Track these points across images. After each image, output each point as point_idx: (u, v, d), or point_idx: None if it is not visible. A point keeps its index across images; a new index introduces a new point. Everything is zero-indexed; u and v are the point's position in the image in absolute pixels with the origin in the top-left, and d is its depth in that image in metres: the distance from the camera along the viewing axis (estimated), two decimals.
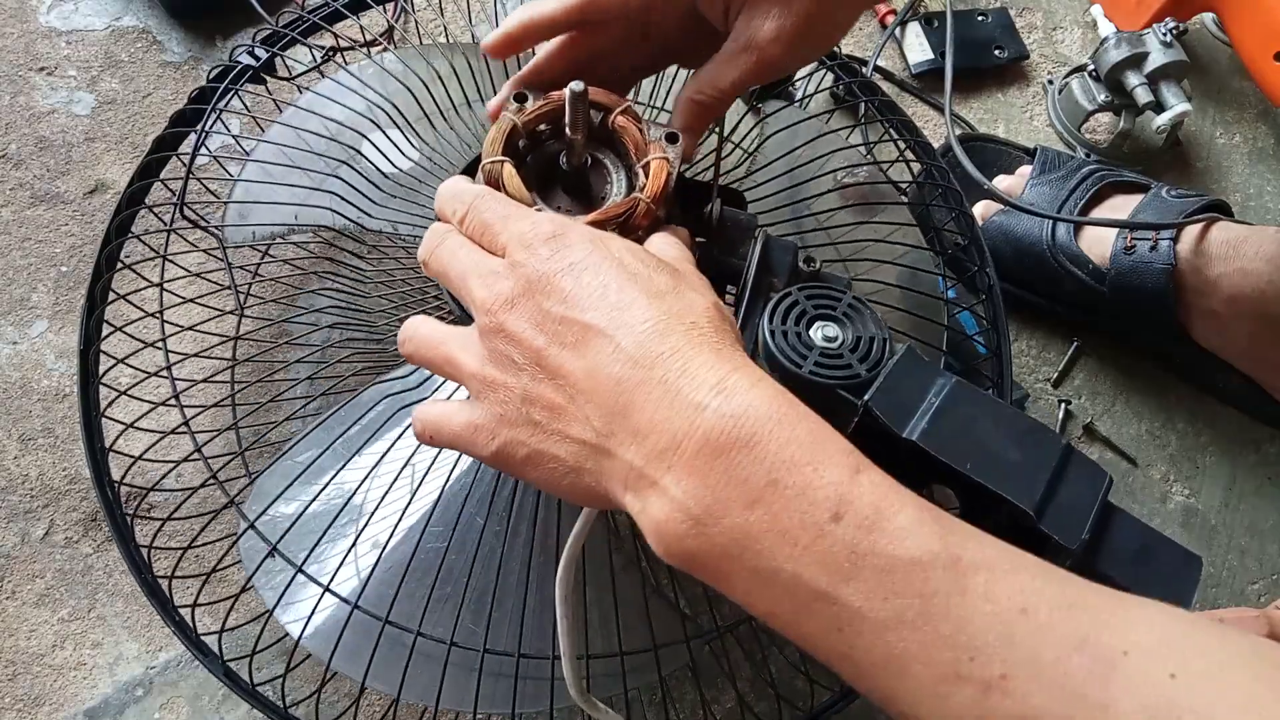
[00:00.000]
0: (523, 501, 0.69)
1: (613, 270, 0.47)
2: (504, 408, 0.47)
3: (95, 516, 0.81)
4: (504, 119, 0.55)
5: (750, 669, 0.80)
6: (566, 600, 0.54)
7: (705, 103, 0.59)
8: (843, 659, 0.41)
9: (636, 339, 0.44)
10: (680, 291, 0.47)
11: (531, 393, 0.46)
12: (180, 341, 0.75)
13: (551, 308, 0.46)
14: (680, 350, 0.44)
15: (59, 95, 0.95)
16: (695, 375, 0.43)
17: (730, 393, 0.43)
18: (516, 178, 0.53)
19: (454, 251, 0.51)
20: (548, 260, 0.47)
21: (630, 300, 0.46)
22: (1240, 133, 1.10)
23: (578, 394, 0.45)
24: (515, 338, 0.47)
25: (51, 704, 0.76)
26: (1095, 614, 0.39)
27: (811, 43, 0.60)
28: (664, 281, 0.47)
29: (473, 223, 0.51)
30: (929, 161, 0.86)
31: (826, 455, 0.42)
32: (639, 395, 0.43)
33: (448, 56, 0.83)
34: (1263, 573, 0.91)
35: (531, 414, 0.46)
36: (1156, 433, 0.96)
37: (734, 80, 0.59)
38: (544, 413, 0.46)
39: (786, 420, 0.42)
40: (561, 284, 0.46)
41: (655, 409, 0.43)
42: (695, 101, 0.59)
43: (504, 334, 0.47)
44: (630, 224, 0.53)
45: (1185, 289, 0.87)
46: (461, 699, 0.65)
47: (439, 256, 0.52)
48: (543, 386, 0.46)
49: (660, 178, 0.54)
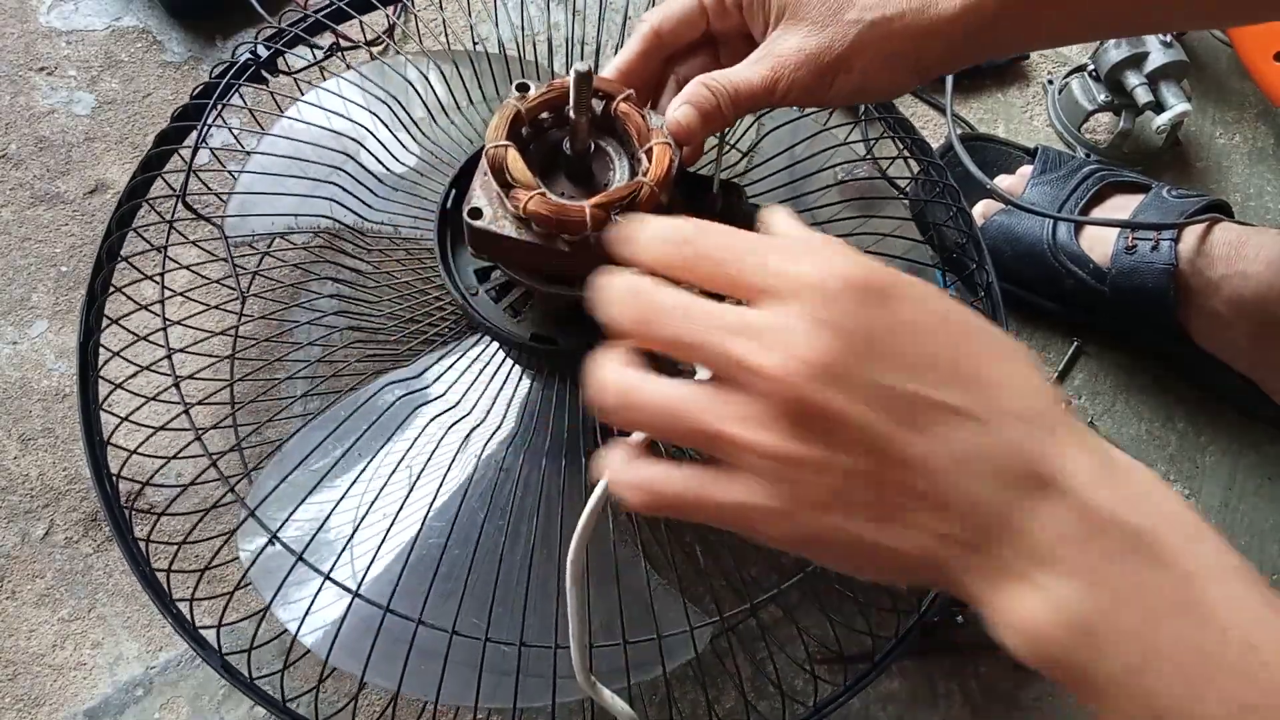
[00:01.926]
0: (524, 497, 0.69)
1: None
2: (815, 491, 0.40)
3: (95, 516, 0.81)
4: (507, 105, 0.55)
5: (751, 667, 0.80)
6: (576, 582, 0.53)
7: (710, 87, 0.59)
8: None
9: (1004, 427, 0.39)
10: (1003, 343, 0.42)
11: (863, 475, 0.39)
12: (181, 336, 0.75)
13: (886, 379, 0.39)
14: (1050, 435, 0.40)
15: (59, 95, 0.95)
16: (1072, 470, 0.39)
17: (1124, 493, 0.39)
18: (520, 161, 0.53)
19: (682, 308, 0.42)
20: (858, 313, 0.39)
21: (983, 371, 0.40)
22: (1240, 133, 1.10)
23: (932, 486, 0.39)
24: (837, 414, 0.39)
25: (51, 704, 0.76)
26: None
27: (826, 69, 0.60)
28: (984, 329, 0.42)
29: (701, 263, 0.42)
30: (926, 159, 0.86)
31: (1237, 581, 0.39)
32: (1010, 495, 0.39)
33: (449, 56, 0.84)
34: (1263, 573, 0.90)
35: (861, 496, 0.40)
36: (1156, 433, 0.96)
37: (745, 79, 0.59)
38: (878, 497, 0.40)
39: (1193, 536, 0.39)
40: (902, 348, 0.39)
41: (1034, 504, 0.39)
42: (701, 82, 0.59)
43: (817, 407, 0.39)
44: (634, 207, 0.53)
45: (1186, 289, 0.87)
46: (462, 694, 0.65)
47: (659, 320, 0.42)
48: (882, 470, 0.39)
49: (664, 163, 0.54)
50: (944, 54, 0.61)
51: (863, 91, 0.63)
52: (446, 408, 0.70)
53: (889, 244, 0.79)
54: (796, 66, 0.59)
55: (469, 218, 0.55)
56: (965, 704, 0.82)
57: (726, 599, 0.78)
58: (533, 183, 0.53)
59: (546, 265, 0.58)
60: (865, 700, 0.81)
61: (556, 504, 0.69)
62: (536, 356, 0.68)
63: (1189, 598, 0.37)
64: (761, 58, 0.60)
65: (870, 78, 0.61)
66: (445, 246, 0.66)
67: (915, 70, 0.62)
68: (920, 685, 0.82)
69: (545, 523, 0.68)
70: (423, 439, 0.69)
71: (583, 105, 0.53)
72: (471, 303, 0.65)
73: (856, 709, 0.81)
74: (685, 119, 0.58)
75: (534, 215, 0.52)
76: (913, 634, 0.72)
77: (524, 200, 0.52)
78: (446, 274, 0.65)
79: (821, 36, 0.59)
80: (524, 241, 0.55)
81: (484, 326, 0.65)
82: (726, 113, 0.59)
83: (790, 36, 0.59)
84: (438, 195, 0.67)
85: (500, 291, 0.67)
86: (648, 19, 0.63)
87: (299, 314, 0.84)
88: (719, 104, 0.59)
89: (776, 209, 0.46)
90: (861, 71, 0.60)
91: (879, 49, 0.59)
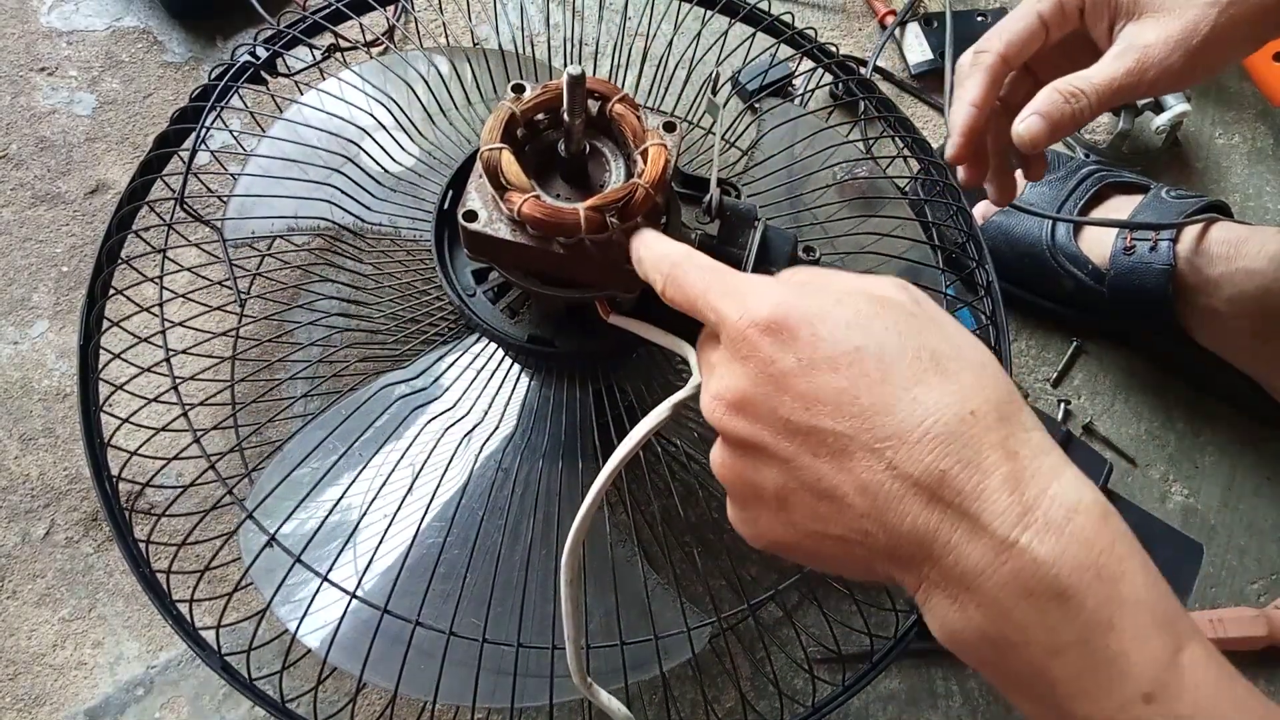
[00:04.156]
0: (523, 497, 0.69)
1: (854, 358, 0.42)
2: (763, 502, 0.46)
3: (96, 516, 0.81)
4: (502, 107, 0.55)
5: (751, 667, 0.80)
6: (571, 584, 0.54)
7: (1065, 92, 0.61)
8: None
9: (911, 454, 0.40)
10: (944, 362, 0.42)
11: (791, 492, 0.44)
12: (181, 337, 0.76)
13: (791, 414, 0.42)
14: (970, 462, 0.40)
15: (60, 95, 0.95)
16: (993, 498, 0.39)
17: (1041, 529, 0.39)
18: (515, 164, 0.53)
19: None
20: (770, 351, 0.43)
21: (887, 399, 0.41)
22: (1240, 133, 1.10)
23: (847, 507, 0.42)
24: (754, 443, 0.44)
25: (52, 704, 0.76)
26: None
27: (1196, 51, 0.62)
28: (921, 350, 0.42)
29: (678, 295, 0.48)
30: (926, 158, 0.86)
31: (1149, 625, 0.39)
32: (929, 520, 0.40)
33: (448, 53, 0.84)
34: (1262, 572, 0.91)
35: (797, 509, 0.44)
36: (1156, 433, 0.96)
37: (1108, 76, 0.62)
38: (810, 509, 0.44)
39: (1107, 575, 0.38)
40: (796, 385, 0.42)
41: (950, 535, 0.40)
42: (1056, 90, 0.62)
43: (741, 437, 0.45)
44: (629, 209, 0.52)
45: (1185, 289, 0.87)
46: (461, 694, 0.65)
47: None
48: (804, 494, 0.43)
49: (659, 164, 0.54)
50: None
51: (1220, 66, 0.65)
52: (446, 407, 0.70)
53: (889, 244, 0.79)
54: (1166, 54, 0.61)
55: (464, 220, 0.55)
56: (965, 704, 0.82)
57: (725, 599, 0.79)
58: (527, 185, 0.53)
59: (543, 267, 0.58)
60: (864, 700, 0.81)
61: (555, 504, 0.69)
62: (535, 357, 0.68)
63: (1090, 638, 0.39)
64: (1123, 52, 0.62)
65: (1232, 51, 0.64)
66: (443, 247, 0.66)
67: (1263, 38, 0.65)
68: (920, 685, 0.82)
69: (544, 522, 0.69)
70: (422, 439, 0.69)
71: (576, 109, 0.53)
72: (469, 304, 0.65)
73: (856, 709, 0.81)
74: (1030, 132, 0.62)
75: (529, 218, 0.52)
76: (912, 634, 0.72)
77: (519, 203, 0.52)
78: (444, 275, 0.65)
79: (1184, 21, 0.61)
80: (519, 244, 0.55)
81: (481, 328, 0.65)
82: (1088, 114, 0.62)
83: (1149, 28, 0.62)
84: (437, 195, 0.67)
85: (498, 292, 0.67)
86: (990, 48, 0.66)
87: (299, 315, 0.84)
88: (1078, 107, 0.61)
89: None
90: (1227, 47, 0.62)
91: (1240, 24, 0.61)
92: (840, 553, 0.44)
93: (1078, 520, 0.39)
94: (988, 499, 0.39)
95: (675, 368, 0.74)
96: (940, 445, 0.40)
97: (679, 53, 0.86)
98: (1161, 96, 1.00)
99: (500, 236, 0.55)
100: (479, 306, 0.66)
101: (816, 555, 0.45)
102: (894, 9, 1.10)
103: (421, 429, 0.69)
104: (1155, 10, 0.62)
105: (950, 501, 0.40)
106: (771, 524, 0.46)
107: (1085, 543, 0.39)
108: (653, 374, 0.73)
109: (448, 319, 0.76)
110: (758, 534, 0.47)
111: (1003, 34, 0.66)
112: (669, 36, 0.88)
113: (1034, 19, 0.66)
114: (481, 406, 0.70)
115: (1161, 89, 0.63)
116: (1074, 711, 0.39)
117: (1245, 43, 0.64)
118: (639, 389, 0.72)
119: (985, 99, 0.66)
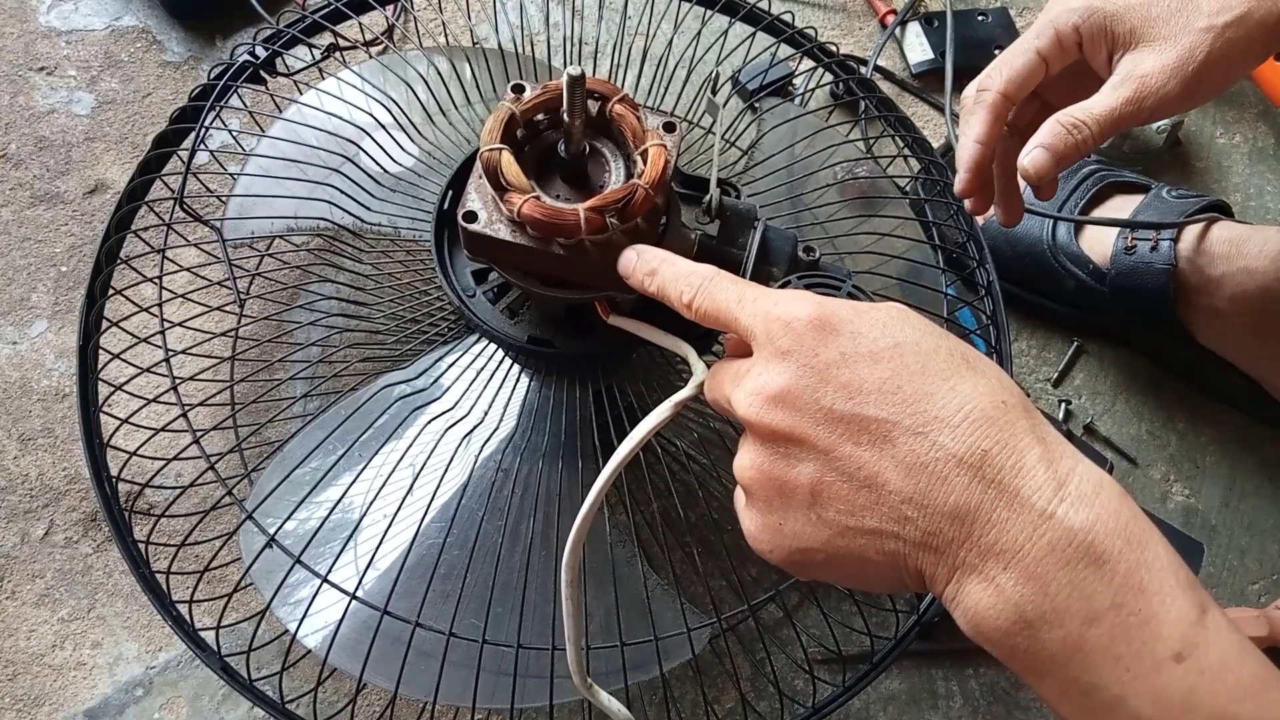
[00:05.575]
0: (523, 497, 0.69)
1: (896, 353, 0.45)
2: (792, 501, 0.46)
3: (95, 516, 0.81)
4: (502, 107, 0.55)
5: (751, 668, 0.80)
6: (571, 584, 0.54)
7: (1067, 124, 0.62)
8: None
9: (955, 435, 0.43)
10: (973, 361, 0.45)
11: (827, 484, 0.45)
12: (181, 338, 0.75)
13: (834, 403, 0.44)
14: (1007, 444, 0.42)
15: (59, 95, 0.95)
16: (1030, 474, 0.42)
17: (1075, 501, 0.41)
18: (515, 164, 0.53)
19: None
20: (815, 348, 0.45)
21: (928, 388, 0.44)
22: (1240, 133, 1.10)
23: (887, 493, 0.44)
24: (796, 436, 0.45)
25: (51, 704, 0.76)
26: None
27: (1193, 78, 0.62)
28: (953, 350, 0.45)
29: (706, 319, 0.50)
30: (927, 158, 0.86)
31: (1175, 587, 0.40)
32: (973, 496, 0.42)
33: (448, 52, 0.83)
34: (1263, 573, 0.91)
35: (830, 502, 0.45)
36: (1156, 433, 0.95)
37: (1108, 107, 0.62)
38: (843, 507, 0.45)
39: (1135, 541, 0.41)
40: (840, 375, 0.44)
41: (992, 511, 0.42)
42: (1058, 122, 0.63)
43: None
44: (629, 210, 0.52)
45: (1186, 288, 0.87)
46: (461, 694, 0.65)
47: None
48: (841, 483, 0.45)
49: (659, 164, 0.53)
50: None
51: (1220, 88, 0.66)
52: (446, 408, 0.70)
53: (889, 243, 0.79)
54: (1163, 83, 0.62)
55: (464, 221, 0.55)
56: (965, 704, 0.82)
57: (725, 599, 0.79)
58: (527, 186, 0.53)
59: (542, 268, 0.58)
60: (865, 700, 0.81)
61: (555, 505, 0.69)
62: (534, 358, 0.68)
63: (1124, 601, 0.40)
64: (1122, 81, 0.63)
65: (1230, 74, 0.64)
66: (442, 247, 0.66)
67: (1263, 55, 0.65)
68: (920, 685, 0.82)
69: (544, 523, 0.68)
70: (422, 439, 0.69)
71: (576, 110, 0.53)
72: (468, 304, 0.65)
73: (856, 709, 0.81)
74: (1036, 165, 0.63)
75: (528, 219, 0.52)
76: (912, 634, 0.72)
77: (518, 204, 0.52)
78: (443, 275, 0.65)
79: (1179, 49, 0.62)
80: (519, 245, 0.55)
81: (481, 328, 0.65)
82: (1090, 144, 0.63)
83: (1147, 56, 0.63)
84: (437, 195, 0.67)
85: (498, 293, 0.66)
86: (991, 86, 0.67)
87: (299, 315, 0.84)
88: (1080, 138, 0.62)
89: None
90: (1224, 70, 0.63)
91: (1237, 46, 0.62)
92: (870, 550, 0.44)
93: (1105, 493, 0.42)
94: (1026, 475, 0.42)
95: (675, 368, 0.74)
96: (980, 428, 0.42)
97: (679, 52, 0.85)
98: None
99: (500, 237, 0.55)
100: (479, 307, 0.66)
101: (841, 558, 0.46)
102: (894, 8, 1.09)
103: (421, 429, 0.69)
104: (1151, 39, 0.63)
105: (992, 479, 0.42)
106: (799, 526, 0.46)
107: (1114, 512, 0.41)
108: (653, 374, 0.73)
109: (447, 319, 0.76)
110: (779, 543, 0.47)
111: (1004, 70, 0.67)
112: (669, 36, 0.88)
113: (1033, 55, 0.66)
114: (481, 407, 0.70)
115: (1162, 115, 0.63)
116: (1106, 684, 0.40)
117: (1242, 64, 0.65)
118: (639, 389, 0.72)
119: (990, 136, 0.67)
